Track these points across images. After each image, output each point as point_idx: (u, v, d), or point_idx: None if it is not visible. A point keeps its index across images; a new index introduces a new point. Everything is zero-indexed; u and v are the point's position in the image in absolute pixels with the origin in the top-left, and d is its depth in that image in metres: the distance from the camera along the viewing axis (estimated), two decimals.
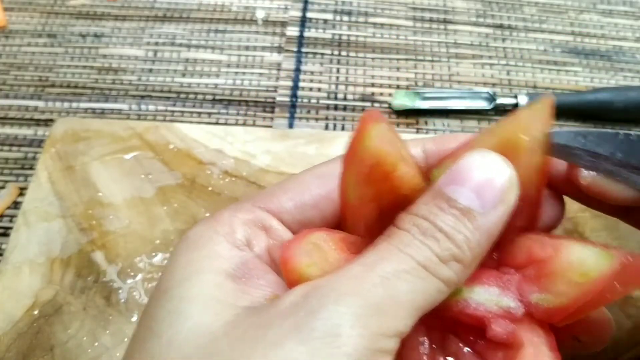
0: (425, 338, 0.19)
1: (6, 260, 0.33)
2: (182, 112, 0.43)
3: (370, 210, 0.20)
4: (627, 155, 0.19)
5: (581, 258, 0.17)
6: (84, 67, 0.46)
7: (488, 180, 0.18)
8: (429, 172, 0.21)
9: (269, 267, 0.20)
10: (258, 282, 0.19)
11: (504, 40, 0.49)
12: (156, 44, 0.47)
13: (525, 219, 0.20)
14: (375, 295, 0.16)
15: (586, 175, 0.20)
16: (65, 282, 0.32)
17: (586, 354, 0.21)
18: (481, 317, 0.18)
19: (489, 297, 0.18)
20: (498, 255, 0.20)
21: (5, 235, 0.37)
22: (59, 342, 0.30)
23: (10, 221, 0.37)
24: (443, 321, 0.19)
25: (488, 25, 0.49)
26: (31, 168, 0.40)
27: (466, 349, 0.19)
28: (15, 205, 0.38)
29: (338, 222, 0.22)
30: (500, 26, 0.49)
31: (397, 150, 0.19)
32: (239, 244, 0.20)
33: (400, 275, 0.16)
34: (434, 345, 0.19)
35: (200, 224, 0.21)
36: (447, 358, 0.19)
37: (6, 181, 0.39)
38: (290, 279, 0.18)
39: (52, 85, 0.45)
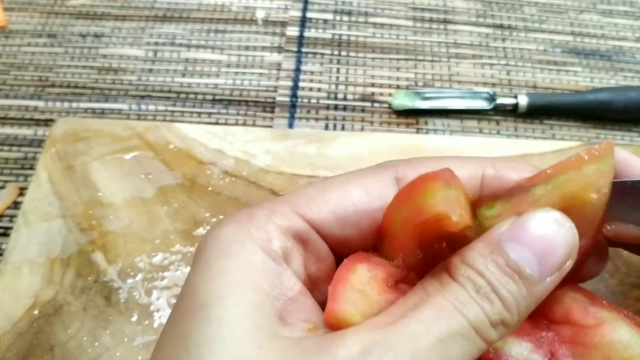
0: None
1: (6, 260, 0.33)
2: (182, 112, 0.43)
3: (412, 243, 0.19)
4: (637, 198, 0.19)
5: (627, 343, 0.17)
6: (84, 67, 0.46)
7: (553, 247, 0.17)
8: (478, 204, 0.20)
9: (304, 287, 0.19)
10: (294, 306, 0.18)
11: (504, 40, 0.49)
12: (156, 44, 0.47)
13: (572, 271, 0.19)
14: (432, 359, 0.16)
15: (610, 229, 0.20)
16: (66, 282, 0.32)
17: None
18: None
19: (520, 351, 0.18)
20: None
21: (6, 235, 0.37)
22: (59, 342, 0.30)
23: (10, 221, 0.37)
24: None
25: (488, 25, 0.49)
26: (31, 168, 0.40)
27: None
28: (16, 205, 0.38)
29: (374, 239, 0.21)
30: (500, 26, 0.49)
31: (460, 216, 0.18)
32: (275, 256, 0.19)
33: (455, 338, 0.16)
34: None
35: (233, 222, 0.19)
36: None
37: (6, 181, 0.39)
38: (332, 325, 0.18)
39: (52, 85, 0.45)
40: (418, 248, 0.19)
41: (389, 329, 0.16)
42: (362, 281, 0.19)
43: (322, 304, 0.19)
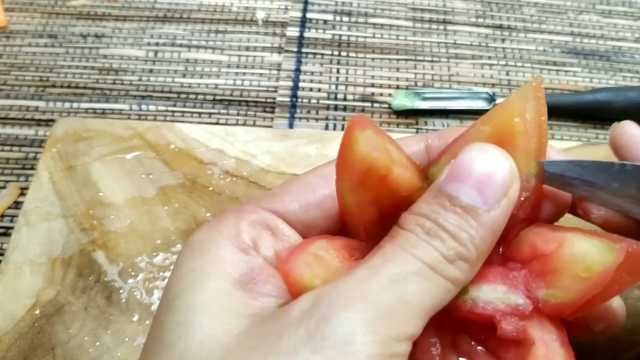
0: (437, 339, 0.19)
1: (7, 260, 0.33)
2: (183, 112, 0.44)
3: (369, 215, 0.20)
4: (623, 184, 0.19)
5: (584, 252, 0.17)
6: (85, 67, 0.46)
7: (489, 175, 0.17)
8: (428, 170, 0.21)
9: (275, 271, 0.20)
10: (265, 288, 0.19)
11: (503, 40, 0.49)
12: (157, 44, 0.47)
13: (528, 210, 0.19)
14: (384, 298, 0.16)
15: (598, 214, 0.20)
16: (67, 282, 0.32)
17: (600, 342, 0.21)
18: (490, 315, 0.18)
19: (496, 295, 0.18)
20: (503, 250, 0.20)
21: (6, 235, 0.37)
22: (60, 342, 0.30)
23: (11, 221, 0.37)
24: (453, 321, 0.19)
25: (487, 26, 0.50)
26: (32, 168, 0.40)
27: (479, 348, 0.19)
28: (16, 205, 0.38)
29: (342, 221, 0.22)
30: (500, 27, 0.50)
31: (387, 154, 0.19)
32: (245, 247, 0.20)
33: (408, 277, 0.16)
34: (445, 346, 0.19)
35: (204, 228, 0.21)
36: (460, 358, 0.19)
37: (7, 181, 0.39)
38: (293, 291, 0.18)
39: (53, 86, 0.45)
40: (379, 219, 0.20)
41: (340, 280, 0.17)
42: (318, 247, 0.19)
43: None
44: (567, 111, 0.44)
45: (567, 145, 0.38)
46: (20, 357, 0.30)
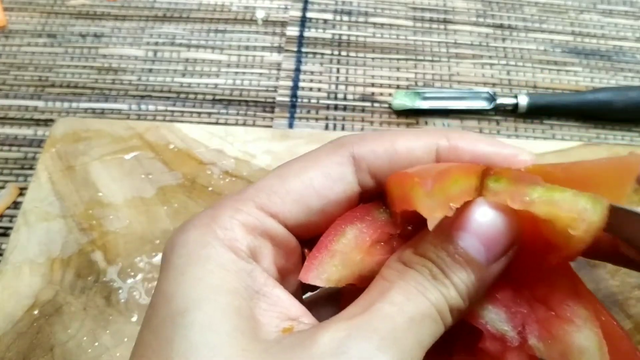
0: None
1: (6, 261, 0.32)
2: (182, 112, 0.43)
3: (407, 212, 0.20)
4: None
5: (583, 349, 0.18)
6: (84, 67, 0.46)
7: (497, 233, 0.18)
8: (486, 173, 0.20)
9: (275, 282, 0.19)
10: (268, 302, 0.18)
11: (504, 40, 0.49)
12: (156, 43, 0.47)
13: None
14: (408, 341, 0.16)
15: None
16: (66, 282, 0.32)
17: None
18: (479, 330, 0.19)
19: (494, 318, 0.19)
20: (537, 281, 0.20)
21: (5, 235, 0.37)
22: (59, 342, 0.30)
23: (10, 221, 0.37)
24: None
25: (488, 25, 0.49)
26: (31, 168, 0.40)
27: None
28: (15, 205, 0.38)
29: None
30: (501, 26, 0.49)
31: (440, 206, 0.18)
32: (244, 256, 0.18)
33: (424, 319, 0.17)
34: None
35: (197, 226, 0.19)
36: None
37: (6, 181, 0.39)
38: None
39: (52, 85, 0.45)
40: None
41: (364, 316, 0.17)
42: (345, 245, 0.19)
43: (293, 295, 0.20)
44: (567, 111, 0.44)
45: (568, 145, 0.38)
46: (19, 357, 0.30)
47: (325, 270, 0.19)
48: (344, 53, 0.47)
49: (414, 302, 0.17)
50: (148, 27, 0.48)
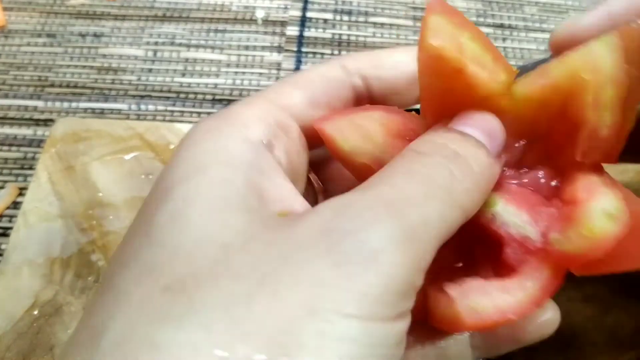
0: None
1: (6, 261, 0.32)
2: (182, 112, 0.43)
3: (438, 103, 0.19)
4: None
5: (597, 213, 0.17)
6: (84, 66, 0.46)
7: (496, 131, 0.18)
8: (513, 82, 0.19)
9: (283, 173, 0.18)
10: (272, 190, 0.17)
11: (504, 40, 0.49)
12: (156, 43, 0.47)
13: (595, 157, 0.18)
14: (411, 220, 0.15)
15: None
16: (65, 282, 0.32)
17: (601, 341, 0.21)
18: (501, 236, 0.18)
19: (515, 220, 0.18)
20: (557, 184, 0.19)
21: (5, 235, 0.37)
22: (59, 342, 0.30)
23: (10, 221, 0.37)
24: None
25: (488, 25, 0.49)
26: (31, 168, 0.40)
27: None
28: (15, 205, 0.38)
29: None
30: (501, 26, 0.49)
31: (457, 47, 0.18)
32: (255, 141, 0.17)
33: (429, 200, 0.15)
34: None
35: (210, 117, 0.18)
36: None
37: (6, 181, 0.39)
38: (331, 149, 0.19)
39: (52, 85, 0.44)
40: (447, 108, 0.19)
41: (363, 191, 0.16)
42: (366, 118, 0.19)
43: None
44: None
45: None
46: (19, 358, 0.30)
47: (342, 129, 0.19)
48: (344, 53, 0.47)
49: (417, 183, 0.16)
50: (148, 27, 0.48)
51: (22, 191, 0.39)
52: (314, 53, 0.47)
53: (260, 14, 0.49)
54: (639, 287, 0.30)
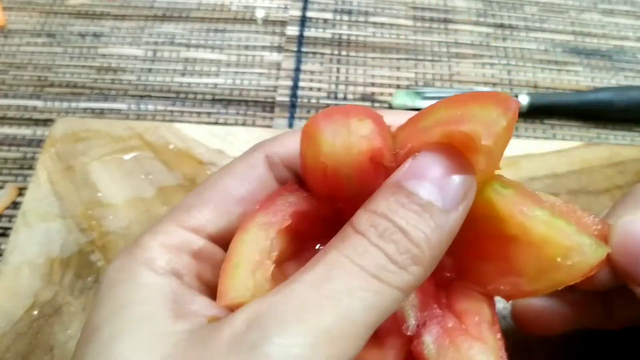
0: None
1: (6, 261, 0.32)
2: (182, 112, 0.43)
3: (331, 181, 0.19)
4: None
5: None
6: (83, 66, 0.45)
7: (450, 175, 0.17)
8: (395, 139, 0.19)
9: (200, 295, 0.18)
10: (192, 307, 0.18)
11: (504, 39, 0.48)
12: (155, 43, 0.47)
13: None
14: (325, 320, 0.14)
15: None
16: (65, 283, 0.32)
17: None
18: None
19: (404, 304, 0.19)
20: (455, 280, 0.20)
21: (5, 235, 0.37)
22: (59, 342, 0.30)
23: (10, 221, 0.37)
24: None
25: (489, 25, 0.49)
26: (30, 168, 0.40)
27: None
28: (15, 205, 0.38)
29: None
30: (501, 25, 0.49)
31: (356, 152, 0.17)
32: (162, 273, 0.18)
33: (353, 293, 0.15)
34: None
35: (120, 256, 0.19)
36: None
37: (5, 181, 0.39)
38: (226, 307, 0.18)
39: (51, 85, 0.44)
40: (345, 180, 0.19)
41: (276, 296, 0.15)
42: (255, 251, 0.18)
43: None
44: (568, 111, 0.44)
45: (569, 145, 0.38)
46: (18, 358, 0.29)
47: (236, 287, 0.18)
48: (344, 52, 0.47)
49: (337, 276, 0.15)
50: (147, 26, 0.48)
51: (21, 191, 0.39)
52: (314, 53, 0.47)
53: (260, 14, 0.49)
54: None
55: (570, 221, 0.18)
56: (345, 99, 0.44)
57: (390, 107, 0.44)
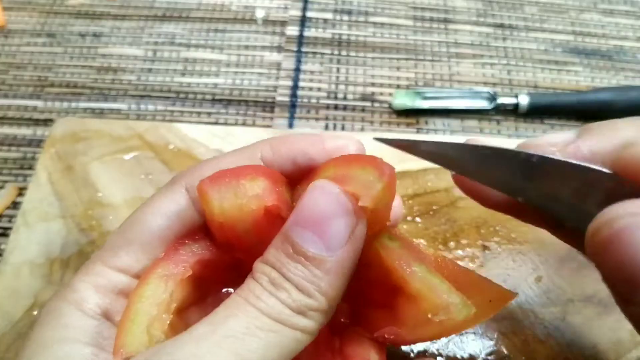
0: None
1: (6, 261, 0.32)
2: (182, 111, 0.43)
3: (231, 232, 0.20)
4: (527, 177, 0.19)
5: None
6: (83, 66, 0.45)
7: (325, 217, 0.17)
8: (294, 185, 0.20)
9: None
10: (111, 350, 0.18)
11: (504, 39, 0.48)
12: (155, 43, 0.47)
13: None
14: (220, 358, 0.15)
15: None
16: (65, 283, 0.32)
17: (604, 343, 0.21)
18: None
19: None
20: (348, 324, 0.21)
21: (5, 235, 0.37)
22: None
23: (10, 221, 0.37)
24: None
25: (489, 25, 0.49)
26: (30, 168, 0.40)
27: None
28: (15, 205, 0.38)
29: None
30: (501, 25, 0.49)
31: (247, 208, 0.19)
32: (92, 313, 0.19)
33: (250, 332, 0.16)
34: None
35: (53, 297, 0.20)
36: None
37: (5, 181, 0.39)
38: None
39: (51, 85, 0.44)
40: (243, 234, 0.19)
41: (179, 337, 0.16)
42: (153, 304, 0.19)
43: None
44: (568, 111, 0.44)
45: None
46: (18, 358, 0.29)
47: (130, 343, 0.19)
48: (344, 53, 0.47)
49: (235, 317, 0.16)
50: (147, 26, 0.48)
51: (21, 191, 0.39)
52: (314, 53, 0.47)
53: (260, 14, 0.49)
54: None
55: (444, 279, 0.18)
56: (345, 99, 0.44)
57: (391, 106, 0.44)
